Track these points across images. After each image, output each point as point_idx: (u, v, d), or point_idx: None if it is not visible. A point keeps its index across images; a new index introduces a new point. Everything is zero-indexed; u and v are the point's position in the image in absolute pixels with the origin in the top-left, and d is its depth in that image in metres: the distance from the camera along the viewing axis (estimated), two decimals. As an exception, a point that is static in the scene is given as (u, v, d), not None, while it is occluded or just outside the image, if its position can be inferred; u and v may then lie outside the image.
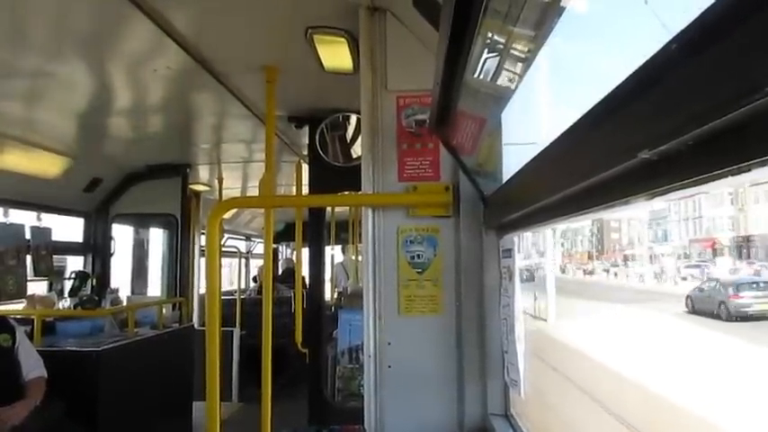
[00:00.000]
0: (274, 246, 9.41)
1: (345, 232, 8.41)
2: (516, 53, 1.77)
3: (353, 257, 8.79)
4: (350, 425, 2.31)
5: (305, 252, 5.23)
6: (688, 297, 16.97)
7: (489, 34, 1.59)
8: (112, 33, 2.76)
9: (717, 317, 14.02)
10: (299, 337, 4.43)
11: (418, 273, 2.34)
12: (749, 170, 0.60)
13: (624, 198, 0.87)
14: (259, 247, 11.29)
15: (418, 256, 2.34)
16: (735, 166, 0.60)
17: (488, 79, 1.88)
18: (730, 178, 0.63)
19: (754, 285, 14.31)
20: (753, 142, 0.58)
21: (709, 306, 14.56)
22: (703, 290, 16.32)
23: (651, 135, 0.69)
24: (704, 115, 0.61)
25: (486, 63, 1.77)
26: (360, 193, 2.47)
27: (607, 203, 0.95)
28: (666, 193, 0.76)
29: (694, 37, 0.61)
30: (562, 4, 1.45)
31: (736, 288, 13.97)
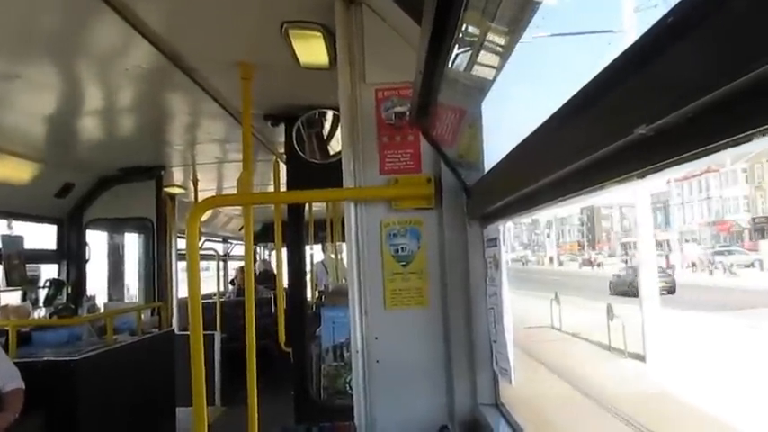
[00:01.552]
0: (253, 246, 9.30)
1: (324, 231, 8.38)
2: (496, 43, 1.77)
3: (333, 256, 8.77)
4: (340, 422, 2.29)
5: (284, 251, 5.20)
6: (610, 282, 22.78)
7: (471, 24, 1.58)
8: (81, 31, 2.69)
9: (628, 294, 19.29)
10: (282, 337, 4.39)
11: (403, 266, 2.33)
12: (750, 140, 0.59)
13: (619, 177, 0.87)
14: (236, 250, 11.20)
15: (402, 249, 2.33)
16: (734, 138, 0.59)
17: (469, 70, 1.88)
18: (731, 150, 0.62)
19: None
20: (751, 113, 0.57)
21: (622, 287, 20.53)
22: (620, 276, 22.26)
23: (648, 110, 0.68)
24: (702, 88, 0.60)
25: (466, 53, 1.77)
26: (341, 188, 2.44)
27: (601, 183, 0.95)
28: (662, 170, 0.76)
29: (690, 10, 0.60)
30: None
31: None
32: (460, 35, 1.52)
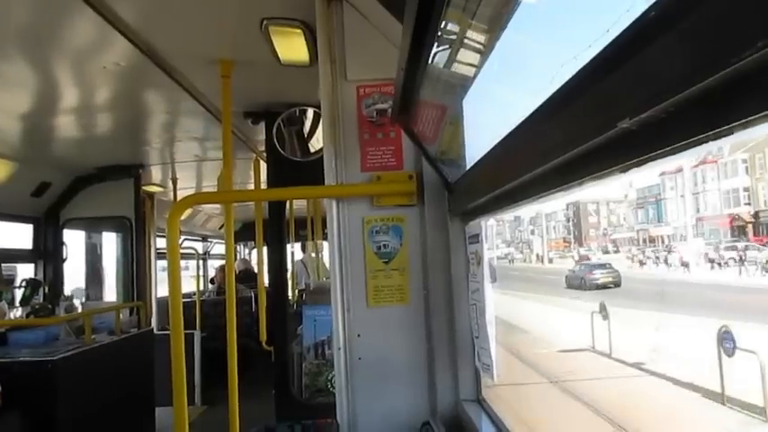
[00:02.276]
0: (232, 246, 9.24)
1: (304, 229, 8.35)
2: (477, 40, 1.78)
3: (313, 254, 8.75)
4: (322, 419, 2.29)
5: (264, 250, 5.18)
6: (566, 276, 23.83)
7: (452, 21, 1.59)
8: (56, 28, 2.65)
9: (580, 288, 21.04)
10: (263, 336, 4.37)
11: (385, 263, 2.33)
12: (731, 133, 0.61)
13: (602, 171, 0.88)
14: (216, 248, 11.12)
15: (384, 246, 2.33)
16: (715, 131, 0.60)
17: (450, 67, 1.88)
18: (720, 141, 0.63)
19: (600, 266, 22.93)
20: (733, 106, 0.58)
21: (576, 281, 22.24)
22: (574, 272, 23.88)
23: (631, 104, 0.69)
24: (684, 82, 0.61)
25: (448, 51, 1.78)
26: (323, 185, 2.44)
27: (583, 178, 0.96)
28: (645, 164, 0.77)
29: (672, 4, 0.62)
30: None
31: (591, 269, 22.45)
32: (442, 32, 1.53)
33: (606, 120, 0.75)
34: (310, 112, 4.12)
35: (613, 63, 0.72)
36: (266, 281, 4.92)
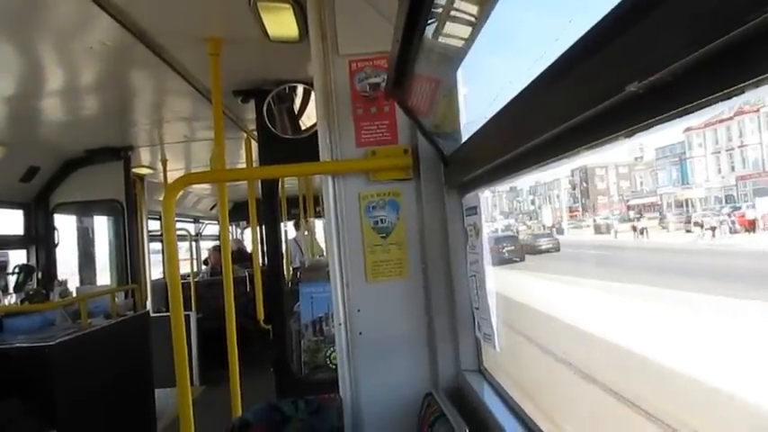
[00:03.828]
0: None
1: (296, 208, 8.35)
2: (470, 11, 1.76)
3: (306, 233, 8.75)
4: (325, 393, 2.31)
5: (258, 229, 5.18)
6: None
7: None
8: (40, 7, 2.59)
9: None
10: (260, 314, 4.38)
11: (383, 237, 2.34)
12: (742, 92, 0.61)
13: (606, 137, 0.88)
14: (208, 229, 11.09)
15: (381, 220, 2.33)
16: (729, 90, 0.61)
17: (444, 39, 1.87)
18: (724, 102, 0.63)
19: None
20: (747, 64, 0.58)
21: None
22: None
23: (640, 66, 0.69)
24: (695, 42, 0.61)
25: (442, 22, 1.76)
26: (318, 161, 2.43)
27: (587, 144, 0.96)
28: (651, 127, 0.77)
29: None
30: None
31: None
32: (436, 4, 1.52)
33: (614, 84, 0.75)
34: (300, 89, 4.09)
35: (622, 26, 0.71)
36: (261, 260, 4.93)
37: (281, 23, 2.85)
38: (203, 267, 9.70)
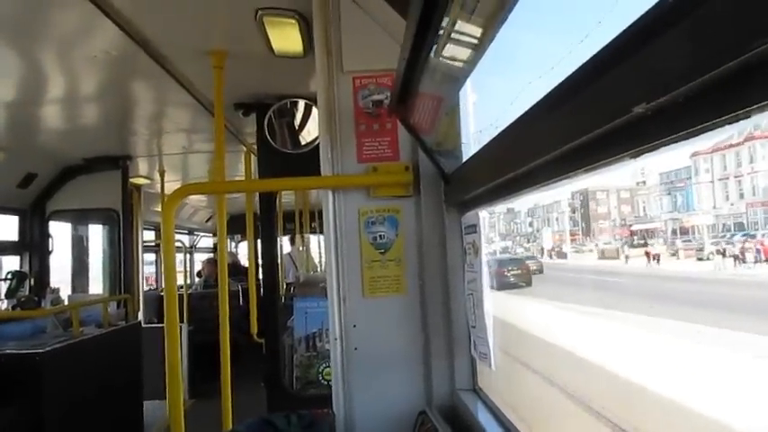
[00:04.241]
0: (216, 240, 9.20)
1: (291, 222, 8.34)
2: (474, 34, 1.78)
3: (301, 248, 8.74)
4: (318, 409, 2.30)
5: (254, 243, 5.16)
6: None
7: (454, 14, 1.59)
8: (44, 14, 2.61)
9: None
10: (254, 328, 4.37)
11: (381, 253, 2.34)
12: (749, 116, 0.62)
13: (611, 158, 0.89)
14: (202, 242, 11.06)
15: (380, 236, 2.34)
16: (736, 113, 0.62)
17: (448, 59, 1.89)
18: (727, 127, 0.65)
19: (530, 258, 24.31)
20: (753, 89, 0.60)
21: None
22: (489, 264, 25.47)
23: (648, 89, 0.70)
24: (703, 66, 0.63)
25: (447, 43, 1.78)
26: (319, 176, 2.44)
27: (591, 165, 0.97)
28: (658, 149, 0.78)
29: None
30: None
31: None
32: (443, 26, 1.54)
33: (621, 105, 0.76)
34: (301, 104, 4.11)
35: (631, 48, 0.73)
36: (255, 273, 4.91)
37: (287, 38, 2.88)
38: (196, 279, 9.66)
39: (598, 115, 0.84)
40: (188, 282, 8.26)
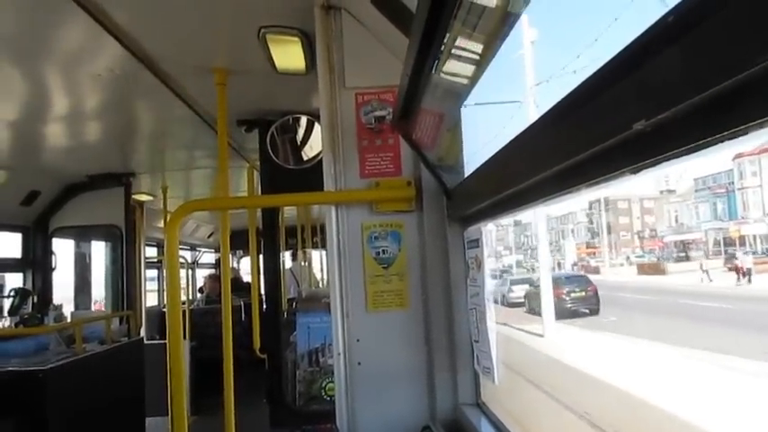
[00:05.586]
0: (218, 255, 9.27)
1: (293, 238, 8.34)
2: (476, 51, 1.81)
3: (303, 264, 8.73)
4: (321, 424, 2.29)
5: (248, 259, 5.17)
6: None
7: (456, 32, 1.62)
8: (49, 32, 2.63)
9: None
10: (257, 344, 4.36)
11: (384, 268, 2.34)
12: (746, 133, 0.63)
13: (611, 173, 0.90)
14: (204, 258, 11.07)
15: (383, 251, 2.35)
16: (736, 129, 0.63)
17: (450, 76, 1.91)
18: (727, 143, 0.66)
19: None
20: (752, 107, 0.61)
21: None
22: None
23: (648, 105, 0.72)
24: (703, 83, 0.64)
25: (449, 60, 1.80)
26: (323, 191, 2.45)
27: (592, 180, 0.98)
28: (657, 164, 0.80)
29: (691, 8, 0.64)
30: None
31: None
32: (446, 43, 1.56)
33: (621, 121, 0.78)
34: (304, 120, 4.14)
35: (633, 64, 0.74)
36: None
37: (289, 55, 2.91)
38: (198, 295, 9.65)
39: (599, 131, 0.86)
40: (190, 297, 8.24)
